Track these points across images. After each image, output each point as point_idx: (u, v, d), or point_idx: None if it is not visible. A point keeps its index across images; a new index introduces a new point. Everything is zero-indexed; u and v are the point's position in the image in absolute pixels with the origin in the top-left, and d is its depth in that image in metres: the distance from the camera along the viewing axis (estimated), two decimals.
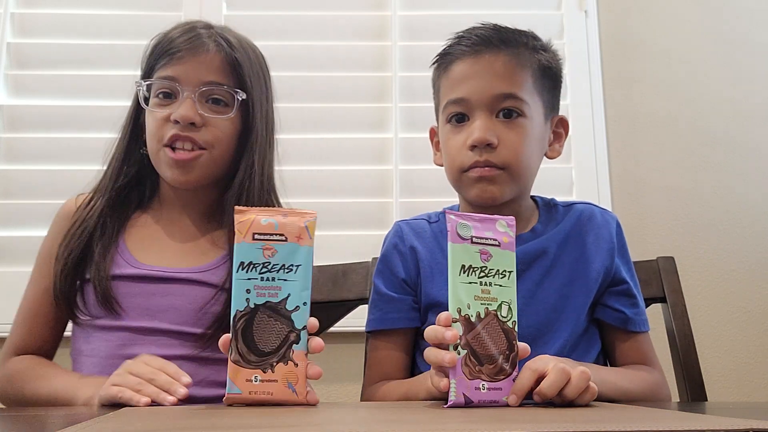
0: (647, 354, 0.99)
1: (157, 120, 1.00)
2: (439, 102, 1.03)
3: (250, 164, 1.02)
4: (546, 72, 0.99)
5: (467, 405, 0.68)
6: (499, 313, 0.71)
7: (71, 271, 0.99)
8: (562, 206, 1.06)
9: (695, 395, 1.12)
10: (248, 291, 0.69)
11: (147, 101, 1.02)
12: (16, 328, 1.03)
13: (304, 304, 0.70)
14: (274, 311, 0.69)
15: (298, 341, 0.69)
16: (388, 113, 1.72)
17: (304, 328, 0.70)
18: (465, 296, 0.70)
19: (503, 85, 0.95)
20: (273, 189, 1.07)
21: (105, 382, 0.80)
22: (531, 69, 0.97)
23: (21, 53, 1.73)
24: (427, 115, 1.12)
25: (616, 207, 1.68)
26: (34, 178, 1.64)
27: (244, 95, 1.02)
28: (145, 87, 1.02)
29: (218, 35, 1.02)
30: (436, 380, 0.70)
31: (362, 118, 1.73)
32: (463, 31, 1.00)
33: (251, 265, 0.70)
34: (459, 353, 0.69)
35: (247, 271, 0.69)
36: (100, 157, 1.07)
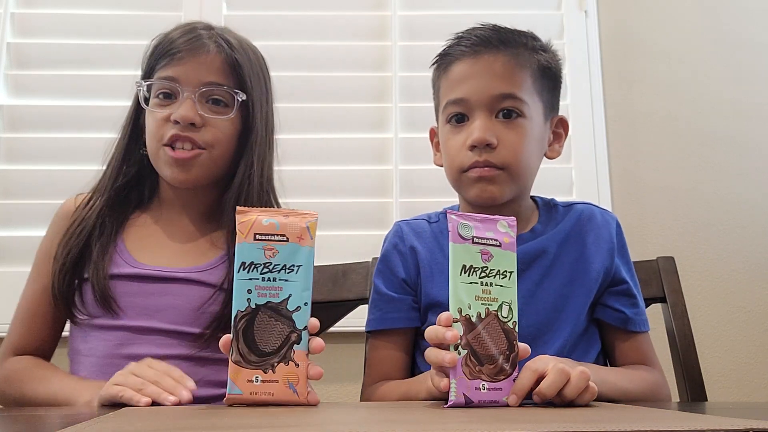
0: (647, 354, 1.00)
1: (157, 120, 1.00)
2: (438, 102, 1.03)
3: (250, 165, 1.03)
4: (545, 72, 0.99)
5: (467, 405, 0.68)
6: (499, 313, 0.71)
7: (70, 270, 0.99)
8: (562, 206, 1.06)
9: (695, 395, 1.12)
10: (249, 291, 0.69)
11: (147, 101, 1.03)
12: (14, 328, 1.03)
13: (305, 304, 0.70)
14: (275, 311, 0.69)
15: (299, 342, 0.69)
16: (388, 113, 1.72)
17: (305, 328, 0.70)
18: (466, 296, 0.70)
19: (503, 85, 0.95)
20: (272, 189, 1.07)
21: (104, 385, 0.80)
22: (530, 69, 0.97)
23: (21, 53, 1.73)
24: (427, 115, 1.12)
25: (616, 207, 1.68)
26: (34, 178, 1.64)
27: (244, 96, 1.02)
28: (145, 87, 1.02)
29: (219, 36, 1.02)
30: (437, 380, 0.70)
31: (362, 118, 1.73)
32: (463, 32, 1.01)
33: (252, 266, 0.70)
34: (459, 353, 0.69)
35: (248, 272, 0.69)
36: (100, 157, 1.07)
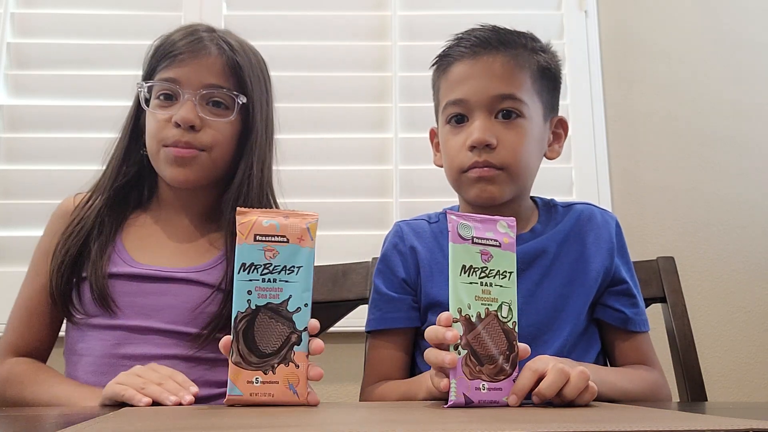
0: (647, 354, 1.00)
1: (158, 121, 1.00)
2: (438, 103, 1.03)
3: (249, 166, 1.03)
4: (545, 73, 0.99)
5: (467, 405, 0.68)
6: (499, 313, 0.71)
7: (68, 269, 0.99)
8: (561, 206, 1.06)
9: (695, 395, 1.12)
10: (249, 292, 0.69)
11: (147, 102, 1.03)
12: (11, 327, 1.03)
13: (306, 305, 0.70)
14: (276, 312, 0.69)
15: (299, 342, 0.69)
16: (388, 113, 1.72)
17: (305, 329, 0.70)
18: (465, 296, 0.70)
19: (502, 86, 0.95)
20: (271, 190, 1.07)
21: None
22: (530, 70, 0.97)
23: (21, 53, 1.73)
24: (427, 115, 1.12)
25: (616, 207, 1.68)
26: (34, 178, 1.64)
27: (244, 99, 1.02)
28: (146, 88, 1.02)
29: (220, 38, 1.02)
30: (437, 380, 0.70)
31: (362, 118, 1.73)
32: (462, 33, 1.01)
33: (252, 267, 0.70)
34: (459, 353, 0.69)
35: (248, 273, 0.69)
36: (100, 157, 1.07)
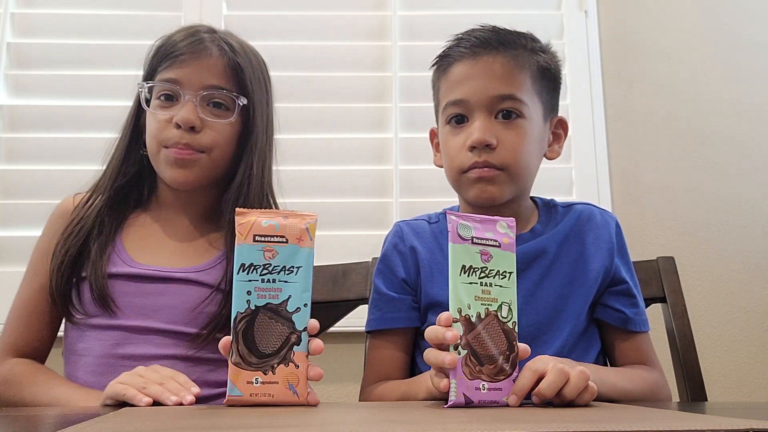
0: (647, 354, 1.00)
1: (159, 122, 1.00)
2: (438, 103, 1.03)
3: (249, 167, 1.03)
4: (545, 73, 0.99)
5: (467, 405, 0.68)
6: (499, 313, 0.71)
7: (68, 269, 0.99)
8: (561, 207, 1.06)
9: (695, 395, 1.12)
10: (249, 293, 0.69)
11: (148, 102, 1.03)
12: (10, 327, 1.02)
13: (305, 305, 0.70)
14: (275, 313, 0.69)
15: (299, 343, 0.69)
16: (388, 113, 1.72)
17: (305, 329, 0.70)
18: (465, 296, 0.70)
19: (502, 86, 0.95)
20: (271, 191, 1.07)
21: (104, 394, 0.80)
22: (530, 70, 0.97)
23: (21, 53, 1.73)
24: (427, 115, 1.12)
25: (616, 207, 1.68)
26: (34, 178, 1.64)
27: (245, 100, 1.02)
28: (146, 89, 1.02)
29: (221, 39, 1.02)
30: (436, 381, 0.70)
31: (362, 118, 1.73)
32: (462, 33, 1.01)
33: (252, 267, 0.70)
34: (459, 353, 0.69)
35: (247, 273, 0.69)
36: (100, 157, 1.07)
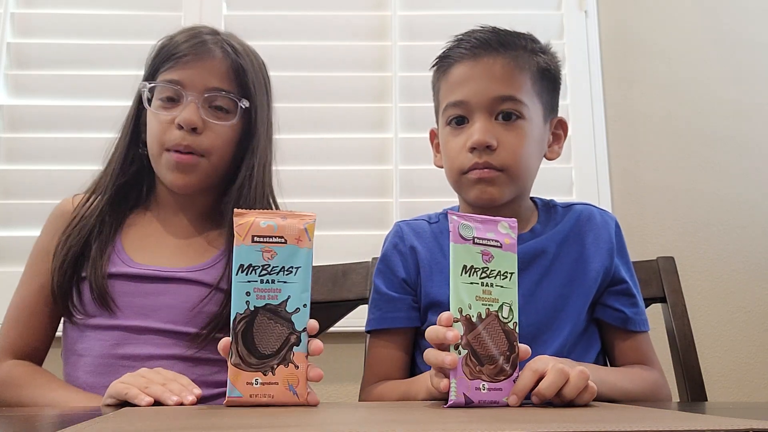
0: (647, 354, 1.00)
1: (161, 123, 1.00)
2: (438, 104, 1.03)
3: (251, 169, 1.03)
4: (545, 74, 0.99)
5: (467, 405, 0.68)
6: (500, 314, 0.71)
7: (70, 267, 0.99)
8: (561, 207, 1.06)
9: (695, 395, 1.12)
10: (248, 294, 0.69)
11: (149, 103, 1.03)
12: (8, 329, 1.02)
13: (304, 305, 0.70)
14: (274, 313, 0.69)
15: (298, 343, 0.69)
16: (388, 113, 1.72)
17: (305, 329, 0.70)
18: (466, 296, 0.70)
19: (502, 87, 0.95)
20: (271, 192, 1.08)
21: (102, 400, 0.81)
22: (530, 71, 0.97)
23: (21, 53, 1.73)
24: (427, 115, 1.12)
25: (616, 207, 1.68)
26: (34, 178, 1.64)
27: (247, 103, 1.02)
28: (148, 89, 1.02)
29: (224, 41, 1.02)
30: (436, 381, 0.70)
31: (362, 118, 1.73)
32: (462, 34, 1.01)
33: (251, 268, 0.69)
34: (460, 353, 0.69)
35: (246, 274, 0.69)
36: (100, 157, 1.07)
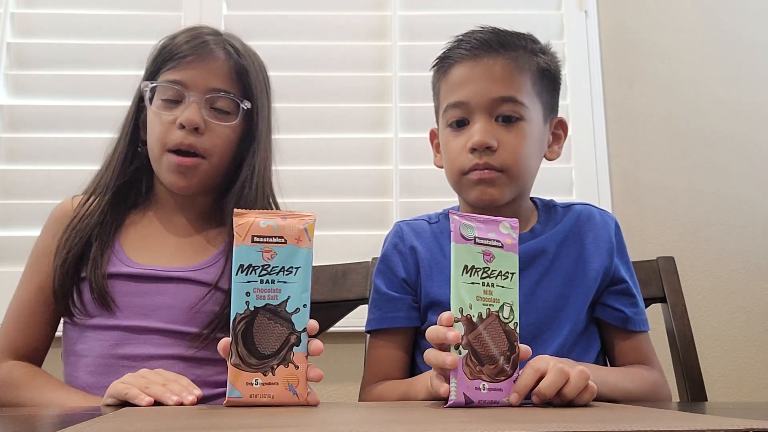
0: (647, 354, 1.00)
1: (162, 124, 1.00)
2: (438, 105, 1.03)
3: (251, 169, 1.03)
4: (545, 74, 0.99)
5: (467, 405, 0.68)
6: (500, 314, 0.71)
7: (71, 267, 0.99)
8: (561, 207, 1.06)
9: (695, 395, 1.12)
10: (248, 294, 0.69)
11: (151, 102, 1.02)
12: (7, 329, 1.02)
13: (304, 306, 0.70)
14: (274, 314, 0.69)
15: (298, 343, 0.69)
16: (388, 113, 1.72)
17: (305, 330, 0.70)
18: (467, 296, 0.70)
19: (502, 88, 0.95)
20: (271, 193, 1.08)
21: (101, 402, 0.81)
22: (530, 72, 0.97)
23: (21, 53, 1.73)
24: (427, 115, 1.12)
25: (616, 207, 1.68)
26: (34, 178, 1.64)
27: (248, 104, 1.02)
28: (149, 89, 1.02)
29: (226, 42, 1.02)
30: (437, 383, 0.70)
31: (362, 118, 1.73)
32: (462, 35, 1.01)
33: (251, 268, 0.69)
34: (460, 353, 0.69)
35: (246, 274, 0.69)
36: (100, 157, 1.07)
